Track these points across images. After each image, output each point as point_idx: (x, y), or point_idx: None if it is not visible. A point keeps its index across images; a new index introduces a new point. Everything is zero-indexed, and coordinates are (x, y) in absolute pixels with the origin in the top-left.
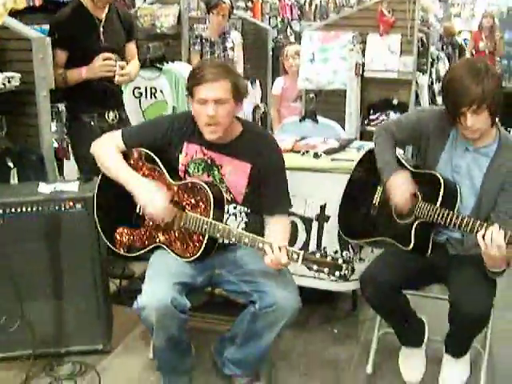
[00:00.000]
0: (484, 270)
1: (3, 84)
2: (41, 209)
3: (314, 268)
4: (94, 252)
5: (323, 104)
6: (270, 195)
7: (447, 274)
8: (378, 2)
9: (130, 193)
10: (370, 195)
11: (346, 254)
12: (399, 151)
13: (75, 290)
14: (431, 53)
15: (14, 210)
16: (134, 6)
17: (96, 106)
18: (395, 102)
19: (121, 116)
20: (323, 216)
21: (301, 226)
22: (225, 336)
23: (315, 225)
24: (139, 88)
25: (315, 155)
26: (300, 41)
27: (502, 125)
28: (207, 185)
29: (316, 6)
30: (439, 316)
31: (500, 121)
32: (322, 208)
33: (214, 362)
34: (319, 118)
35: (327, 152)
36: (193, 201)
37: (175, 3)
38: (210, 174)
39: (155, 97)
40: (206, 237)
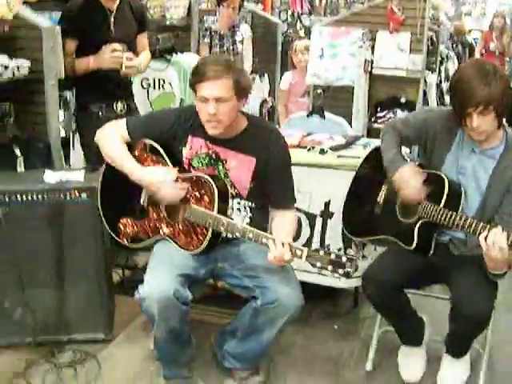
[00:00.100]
0: (486, 272)
1: (12, 72)
2: (46, 197)
3: (317, 265)
4: (98, 241)
5: (331, 100)
6: (275, 190)
7: (449, 274)
8: (389, 0)
9: (136, 182)
10: (375, 193)
11: (349, 251)
12: (405, 150)
13: (78, 279)
14: (441, 51)
15: (19, 198)
16: None
17: (104, 96)
18: (403, 100)
19: (129, 106)
20: (327, 212)
21: (305, 222)
22: (226, 329)
23: (319, 221)
24: (147, 79)
25: (321, 151)
26: (309, 36)
27: (509, 125)
28: (212, 178)
29: (327, 1)
30: (440, 316)
31: (507, 122)
32: (327, 204)
33: (214, 354)
34: (326, 113)
35: (333, 148)
36: (197, 194)
37: None
38: (215, 169)
39: (163, 88)
40: (210, 230)
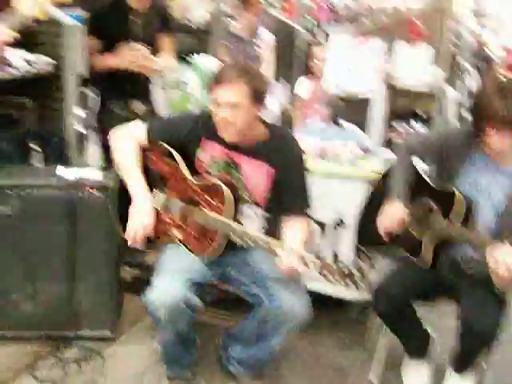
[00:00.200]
0: (496, 291)
1: (34, 67)
2: (60, 192)
3: (328, 276)
4: (110, 239)
5: (347, 109)
6: (288, 197)
7: (459, 290)
8: (411, 12)
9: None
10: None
11: (360, 263)
12: (422, 166)
13: (88, 276)
14: (461, 66)
15: (34, 192)
16: None
17: (122, 95)
18: (420, 113)
19: (147, 107)
20: (340, 222)
21: (316, 231)
22: (232, 333)
23: (331, 230)
24: (167, 80)
25: (336, 160)
26: (329, 43)
27: None
28: (225, 184)
29: (349, 10)
30: (445, 329)
31: None
32: (340, 214)
33: (219, 357)
34: (343, 122)
35: (348, 158)
36: (210, 199)
37: None
38: (230, 174)
39: (182, 89)
40: (221, 236)
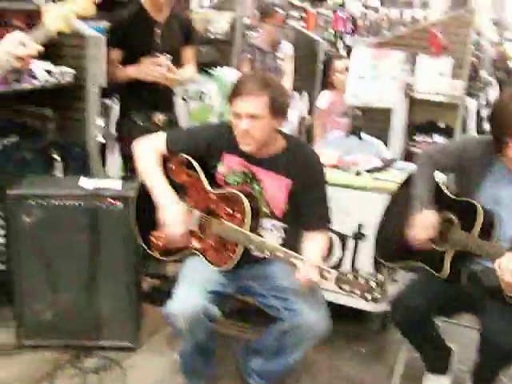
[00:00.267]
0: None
1: (56, 78)
2: (82, 203)
3: (346, 289)
4: (130, 250)
5: (368, 121)
6: (308, 211)
7: (479, 304)
8: (432, 24)
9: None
10: (408, 219)
11: (379, 276)
12: (442, 177)
13: (108, 286)
14: (482, 77)
15: (55, 202)
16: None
17: (144, 106)
18: (441, 125)
19: (170, 118)
20: (360, 234)
21: (337, 243)
22: (252, 346)
23: (351, 242)
24: (187, 91)
25: (357, 172)
26: (350, 56)
27: None
28: (244, 196)
29: (370, 22)
30: (467, 345)
31: None
32: (360, 226)
33: (238, 369)
34: (364, 135)
35: (369, 170)
36: (230, 210)
37: (229, 9)
38: (250, 186)
39: (203, 101)
40: (240, 247)
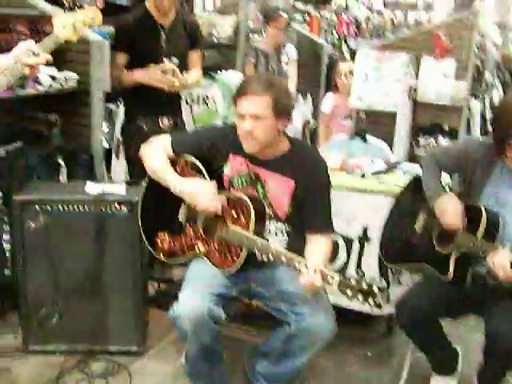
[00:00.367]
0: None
1: (60, 84)
2: (87, 208)
3: (348, 294)
4: (136, 255)
5: (373, 124)
6: (312, 215)
7: (484, 306)
8: (436, 26)
9: (177, 194)
10: (412, 221)
11: (382, 281)
12: (446, 180)
13: (114, 291)
14: (486, 79)
15: (60, 208)
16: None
17: (151, 111)
18: (446, 127)
19: (176, 122)
20: (365, 237)
21: (342, 246)
22: (258, 350)
23: (356, 245)
24: (191, 95)
25: (362, 175)
26: (354, 58)
27: None
28: (250, 199)
29: (373, 24)
30: (473, 346)
31: None
32: (365, 229)
33: (245, 373)
34: (368, 137)
35: (374, 173)
36: (234, 214)
37: (233, 13)
38: (254, 189)
39: (207, 105)
40: (245, 251)
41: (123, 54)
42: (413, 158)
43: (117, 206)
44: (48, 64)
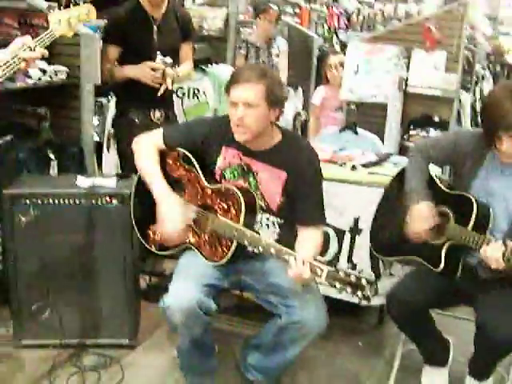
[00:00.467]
0: None
1: (50, 77)
2: (78, 202)
3: (336, 286)
4: (127, 248)
5: (364, 116)
6: (303, 206)
7: (476, 297)
8: (426, 18)
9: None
10: (403, 213)
11: (371, 274)
12: (436, 170)
13: (106, 284)
14: (476, 71)
15: (51, 201)
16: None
17: (143, 104)
18: (436, 118)
19: (167, 115)
20: (356, 229)
21: (333, 237)
22: (250, 341)
23: (347, 237)
24: (182, 88)
25: (353, 167)
26: (345, 51)
27: None
28: (240, 191)
29: (364, 17)
30: (464, 337)
31: None
32: (356, 221)
33: (236, 365)
34: (359, 130)
35: (365, 165)
36: (225, 205)
37: (223, 6)
38: (246, 180)
39: (198, 98)
40: (235, 243)
41: (115, 47)
42: (403, 150)
43: (107, 199)
44: (42, 58)
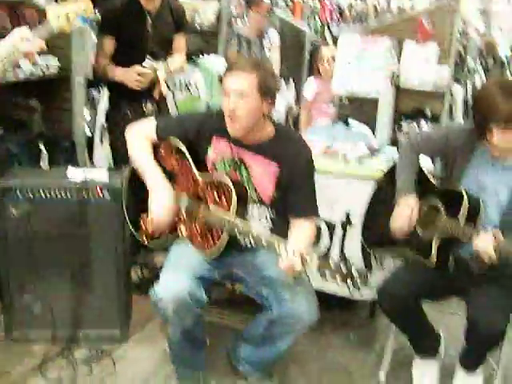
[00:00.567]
0: (504, 289)
1: (41, 69)
2: (69, 194)
3: (327, 276)
4: (118, 240)
5: (355, 109)
6: (295, 199)
7: (466, 290)
8: (419, 12)
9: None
10: (394, 206)
11: (361, 264)
12: (428, 164)
13: (97, 276)
14: (468, 65)
15: (42, 194)
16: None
17: (134, 96)
18: (428, 112)
19: (159, 107)
20: (348, 222)
21: (324, 230)
22: (241, 334)
23: (339, 230)
24: (174, 81)
25: (344, 160)
26: (337, 44)
27: None
28: (232, 182)
29: (356, 10)
30: (455, 330)
31: None
32: (347, 214)
33: (228, 358)
34: (351, 122)
35: (357, 158)
36: (216, 196)
37: None
38: (239, 173)
39: (189, 91)
40: (225, 234)
41: (111, 38)
42: (395, 143)
43: (99, 191)
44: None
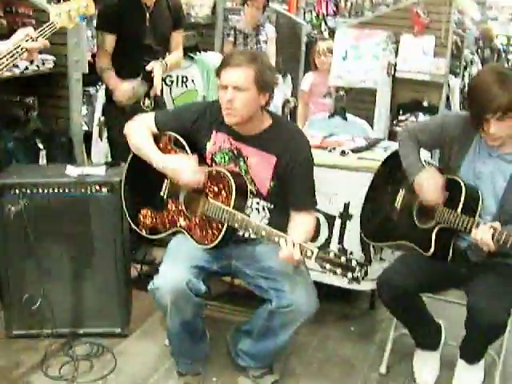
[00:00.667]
0: (505, 279)
1: (37, 66)
2: (67, 191)
3: (326, 267)
4: (117, 236)
5: (353, 102)
6: (295, 191)
7: (466, 280)
8: (414, 3)
9: (160, 170)
10: (392, 198)
11: (361, 256)
12: (426, 155)
13: (97, 273)
14: (465, 56)
15: (40, 191)
16: None
17: None
18: (425, 103)
19: (157, 102)
20: (346, 214)
21: (323, 223)
22: (241, 328)
23: (338, 222)
24: (171, 76)
25: (342, 153)
26: (333, 37)
27: None
28: (231, 174)
29: (351, 2)
30: (455, 321)
31: None
32: (346, 206)
33: (228, 352)
34: (348, 115)
35: (354, 150)
36: (216, 189)
37: None
38: (237, 165)
39: (186, 86)
40: (225, 226)
41: (111, 35)
42: (393, 135)
43: (97, 187)
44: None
